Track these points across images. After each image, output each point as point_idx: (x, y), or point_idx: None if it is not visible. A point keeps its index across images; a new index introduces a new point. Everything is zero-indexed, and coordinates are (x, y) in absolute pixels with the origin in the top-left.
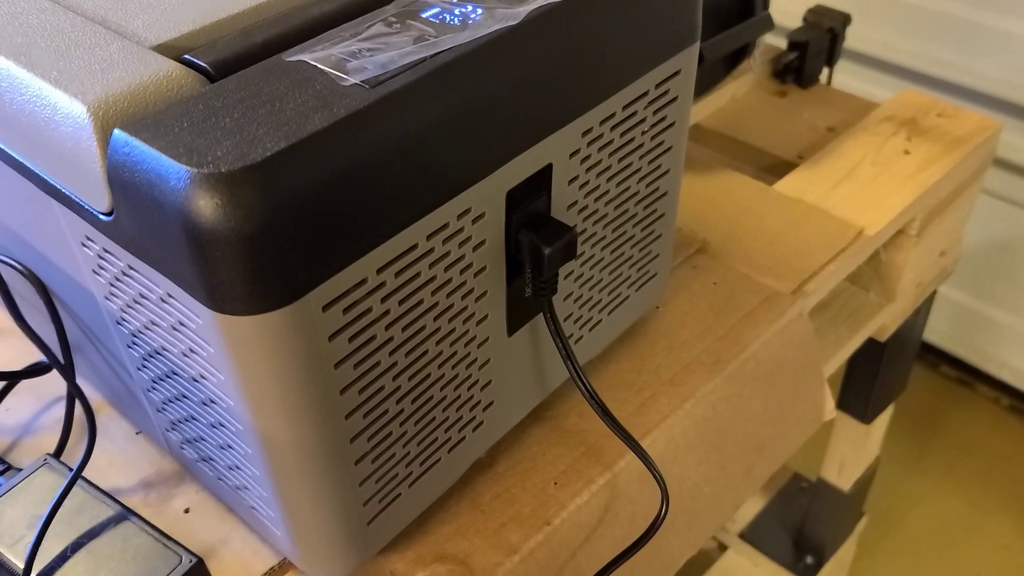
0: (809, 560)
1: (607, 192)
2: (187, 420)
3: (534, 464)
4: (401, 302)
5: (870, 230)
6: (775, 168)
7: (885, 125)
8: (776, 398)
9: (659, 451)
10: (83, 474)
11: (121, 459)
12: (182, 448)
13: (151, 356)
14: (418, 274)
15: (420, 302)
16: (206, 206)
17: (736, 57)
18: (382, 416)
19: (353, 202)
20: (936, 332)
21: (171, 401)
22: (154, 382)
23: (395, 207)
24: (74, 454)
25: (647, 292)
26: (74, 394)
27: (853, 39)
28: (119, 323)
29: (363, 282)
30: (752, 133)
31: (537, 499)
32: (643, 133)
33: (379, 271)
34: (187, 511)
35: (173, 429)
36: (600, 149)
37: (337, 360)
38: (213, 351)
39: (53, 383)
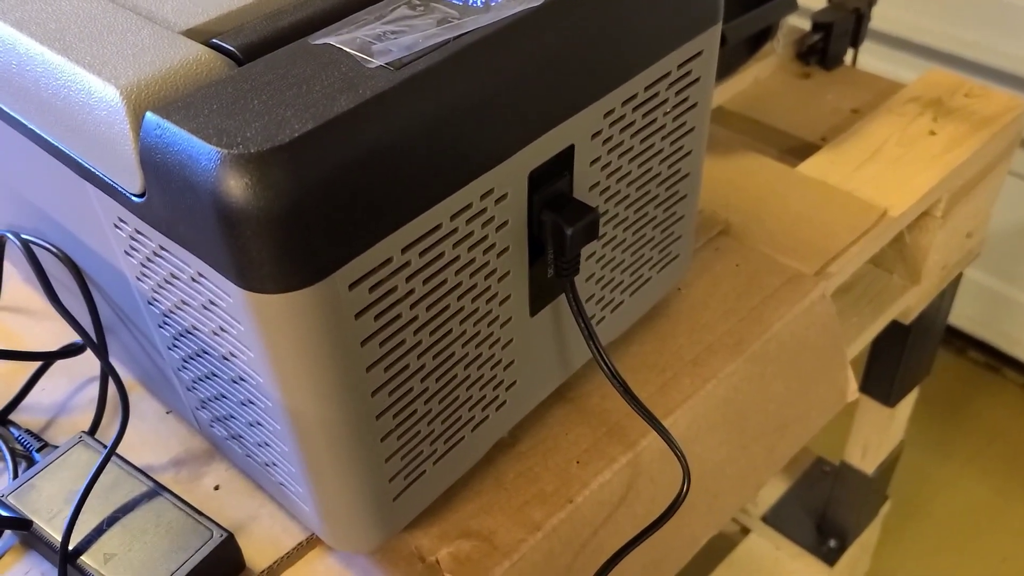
0: (832, 544)
1: (629, 173)
2: (217, 398)
3: (556, 443)
4: (425, 281)
5: (894, 211)
6: (799, 150)
7: (911, 106)
8: (798, 379)
9: (681, 431)
10: (117, 452)
11: (152, 437)
12: (212, 426)
13: (182, 335)
14: (442, 254)
15: (444, 281)
16: (236, 186)
17: (759, 39)
18: (407, 394)
19: (379, 182)
20: (963, 316)
21: (201, 379)
22: (185, 361)
23: (419, 187)
24: (107, 432)
25: (669, 274)
26: (107, 373)
27: (879, 19)
28: (151, 303)
29: (388, 261)
30: (775, 115)
31: (560, 477)
32: (665, 114)
33: (404, 250)
34: (217, 488)
35: (203, 407)
36: (622, 130)
37: (363, 338)
38: (243, 329)
39: (86, 364)
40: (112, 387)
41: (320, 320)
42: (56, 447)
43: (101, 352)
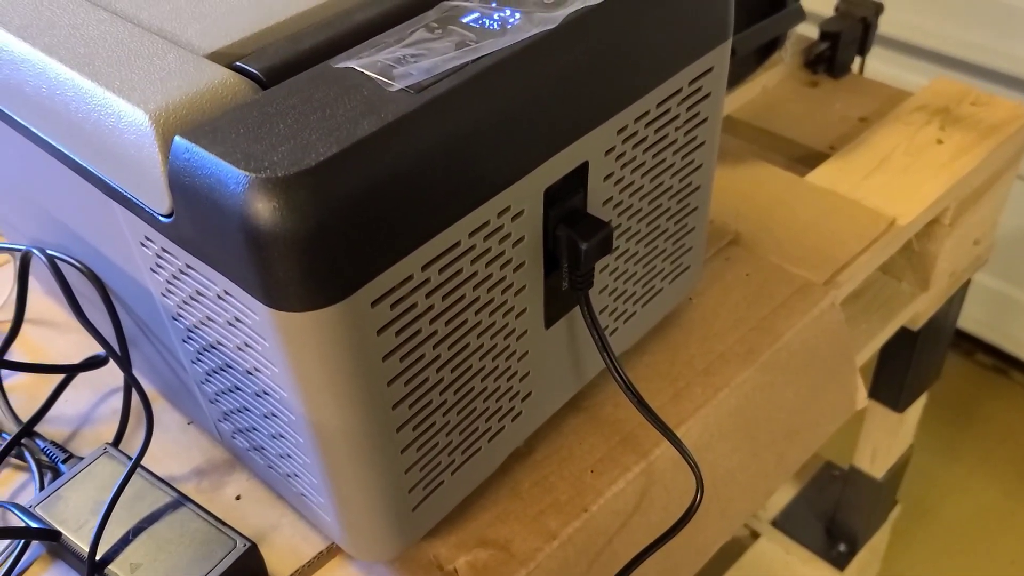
0: (842, 548)
1: (641, 187)
2: (240, 411)
3: (571, 453)
4: (444, 297)
5: (902, 220)
6: (807, 159)
7: (918, 114)
8: (808, 387)
9: (693, 440)
10: (141, 463)
11: (174, 448)
12: (234, 438)
13: (206, 350)
14: (460, 270)
15: (462, 297)
16: (264, 209)
17: (767, 48)
18: (426, 407)
19: (399, 203)
20: (971, 320)
21: (224, 393)
22: (208, 375)
23: (439, 207)
24: (131, 443)
25: (680, 284)
26: (131, 385)
27: (886, 24)
28: (175, 319)
29: (409, 279)
30: (783, 124)
31: (574, 487)
32: (676, 129)
33: (424, 268)
34: (238, 498)
35: (225, 419)
36: (635, 146)
37: (385, 353)
38: (268, 345)
39: (108, 376)
40: (135, 398)
41: (344, 337)
42: (81, 458)
43: (125, 364)
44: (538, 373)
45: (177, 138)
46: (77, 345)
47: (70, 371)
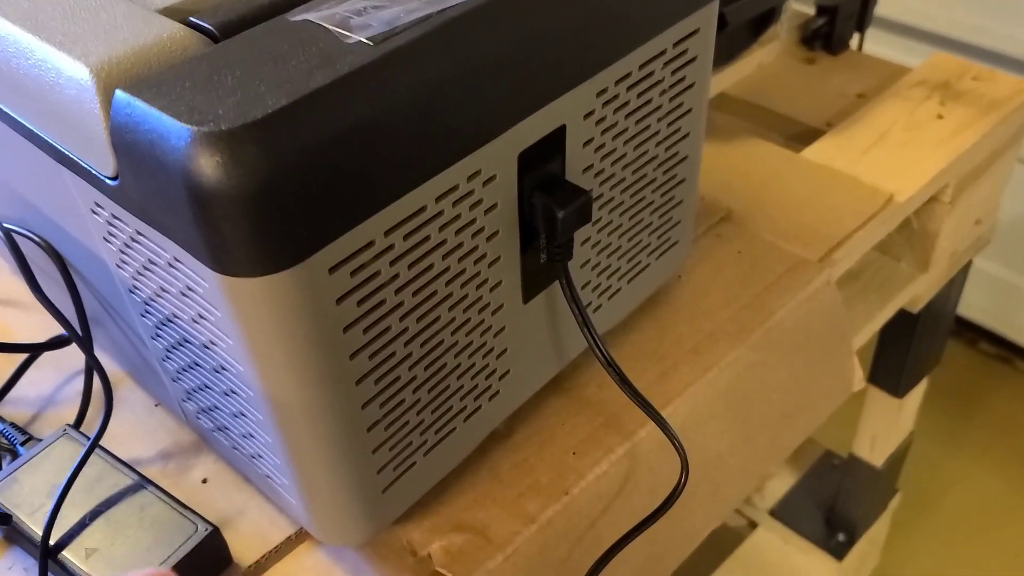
0: (841, 537)
1: (624, 155)
2: (201, 389)
3: (552, 434)
4: (410, 266)
5: (900, 196)
6: (803, 136)
7: (917, 90)
8: (803, 367)
9: (681, 420)
10: (103, 445)
11: (140, 430)
12: (198, 418)
13: (163, 324)
14: (427, 237)
15: (430, 266)
16: (207, 164)
17: (762, 23)
18: (394, 383)
19: (358, 161)
20: (975, 308)
21: (185, 370)
22: (168, 351)
23: (402, 168)
24: (94, 425)
25: (668, 260)
26: (92, 365)
27: (885, 5)
28: (131, 291)
29: (370, 244)
30: (779, 101)
31: (555, 469)
32: (661, 94)
33: (387, 233)
34: (205, 481)
35: (188, 399)
36: (616, 111)
37: (346, 324)
38: (220, 315)
39: (75, 356)
40: (98, 380)
41: (299, 305)
42: (40, 440)
43: (85, 344)
44: (516, 351)
45: (118, 92)
46: (44, 325)
47: (32, 351)
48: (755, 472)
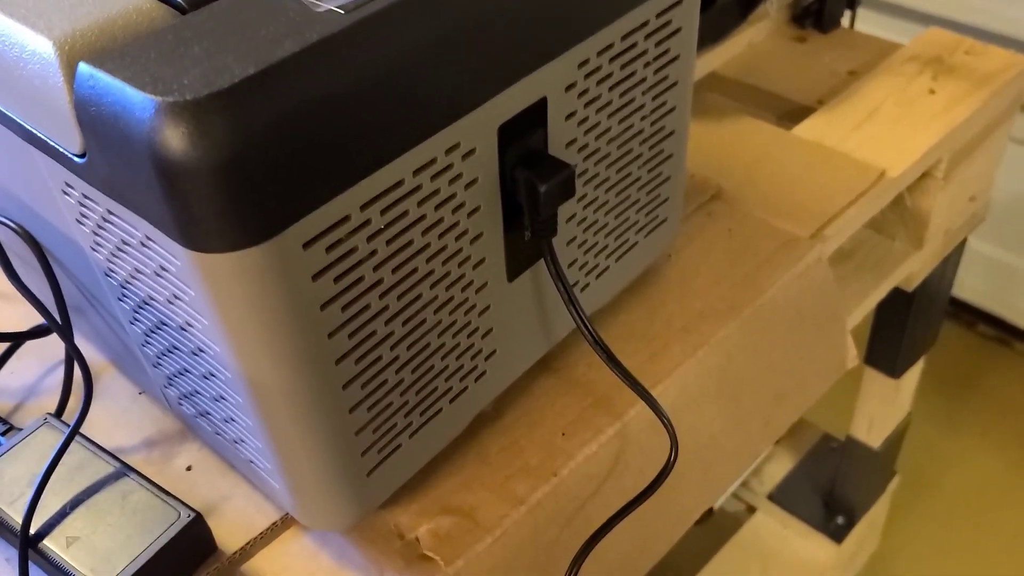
0: (840, 521)
1: (608, 130)
2: (181, 373)
3: (542, 415)
4: (389, 242)
5: (893, 172)
6: (795, 114)
7: (910, 65)
8: (795, 345)
9: (671, 400)
10: (85, 433)
11: (124, 419)
12: (180, 404)
13: (140, 307)
14: (406, 212)
15: (410, 242)
16: (172, 136)
17: (752, 1)
18: (376, 363)
19: (331, 132)
20: (971, 290)
21: (164, 354)
22: (146, 335)
23: (376, 139)
24: (75, 414)
25: (657, 238)
26: (71, 353)
27: None
28: (107, 275)
29: (346, 219)
30: (770, 79)
31: (544, 450)
32: (645, 66)
33: (363, 208)
34: (189, 468)
35: (170, 385)
36: (599, 83)
37: (323, 302)
38: (194, 294)
39: (57, 345)
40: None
41: (273, 282)
42: (21, 430)
43: (64, 332)
44: (502, 330)
45: (81, 65)
46: (26, 314)
47: (14, 340)
48: (747, 452)
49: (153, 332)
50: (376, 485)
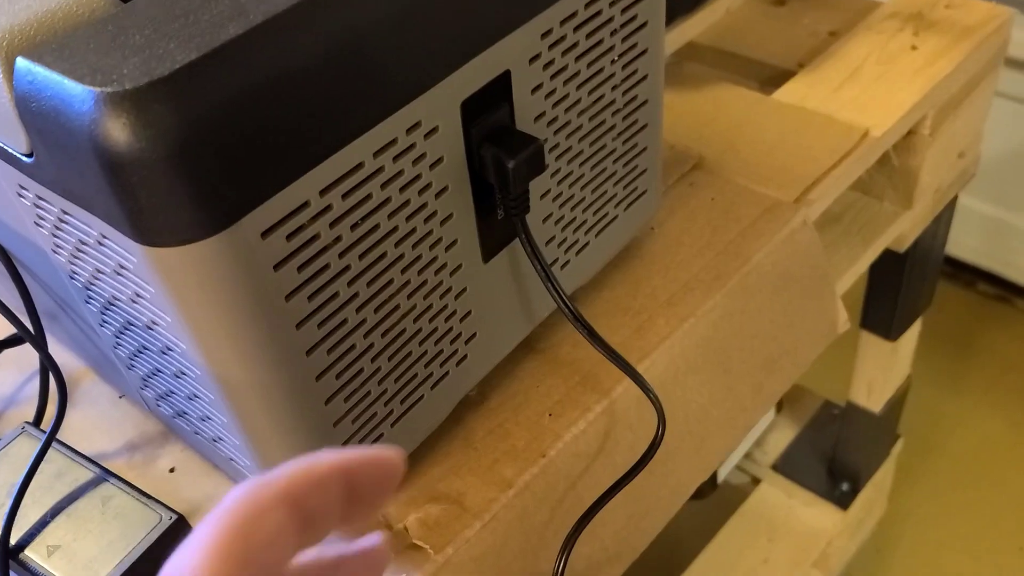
0: (845, 487)
1: (579, 101)
2: (154, 374)
3: (527, 397)
4: (353, 227)
5: (876, 131)
6: (777, 79)
7: (890, 22)
8: (784, 312)
9: (659, 374)
10: (65, 440)
11: (105, 423)
12: (158, 405)
13: (107, 309)
14: (369, 196)
15: (376, 227)
16: (113, 127)
17: None
18: (349, 352)
19: (282, 116)
20: (968, 248)
21: (136, 355)
22: (116, 337)
23: (332, 121)
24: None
25: (637, 211)
26: (44, 361)
27: None
28: (72, 277)
29: (305, 205)
30: (749, 45)
31: (531, 432)
32: (612, 34)
33: (322, 193)
34: (172, 470)
35: (145, 386)
36: (564, 53)
37: (287, 292)
38: (154, 291)
39: (35, 352)
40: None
41: (231, 274)
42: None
43: (36, 340)
44: (481, 312)
45: (19, 60)
46: (3, 323)
47: None
48: (741, 423)
49: (122, 333)
50: None
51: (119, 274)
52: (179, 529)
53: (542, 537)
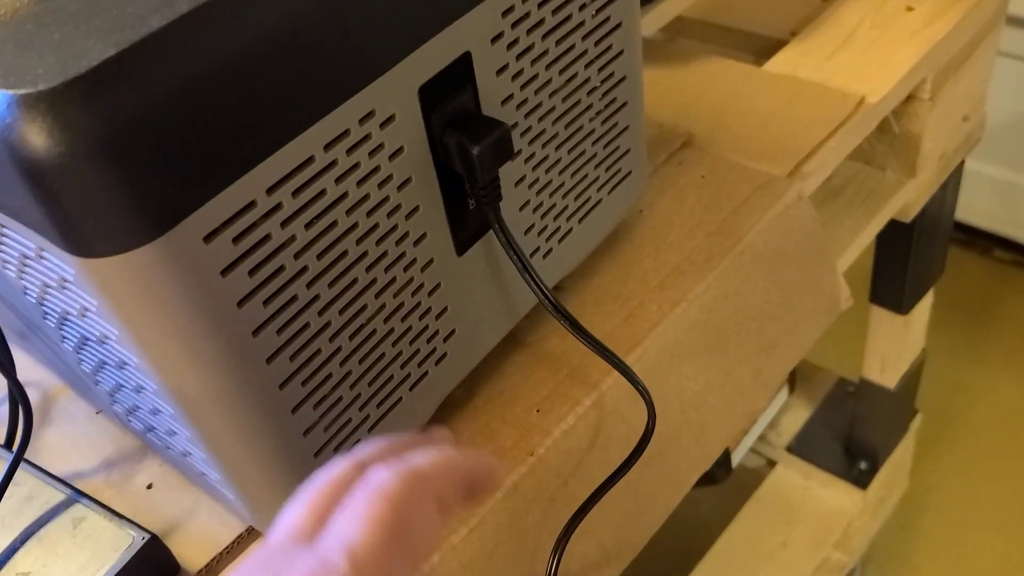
0: (863, 466)
1: (549, 82)
2: (118, 389)
3: (515, 394)
4: (308, 225)
5: (873, 97)
6: (771, 50)
7: None
8: (781, 291)
9: (651, 362)
10: (43, 459)
11: (82, 441)
12: (129, 420)
13: (62, 324)
14: (323, 192)
15: (334, 224)
16: (29, 131)
17: None
18: (315, 357)
19: (218, 111)
20: (984, 215)
21: (98, 371)
22: (77, 353)
23: (274, 115)
24: (36, 442)
25: (623, 193)
26: (10, 386)
27: None
28: (25, 293)
29: (251, 205)
30: (740, 17)
31: (519, 430)
32: (581, 9)
33: (270, 191)
34: (150, 487)
35: (113, 402)
36: (529, 31)
37: (239, 298)
38: (97, 303)
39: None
40: (32, 396)
41: (175, 282)
42: None
43: (3, 365)
44: (459, 308)
45: None
46: None
47: None
48: (741, 409)
49: (81, 349)
50: None
51: (64, 288)
52: (152, 549)
53: (536, 539)
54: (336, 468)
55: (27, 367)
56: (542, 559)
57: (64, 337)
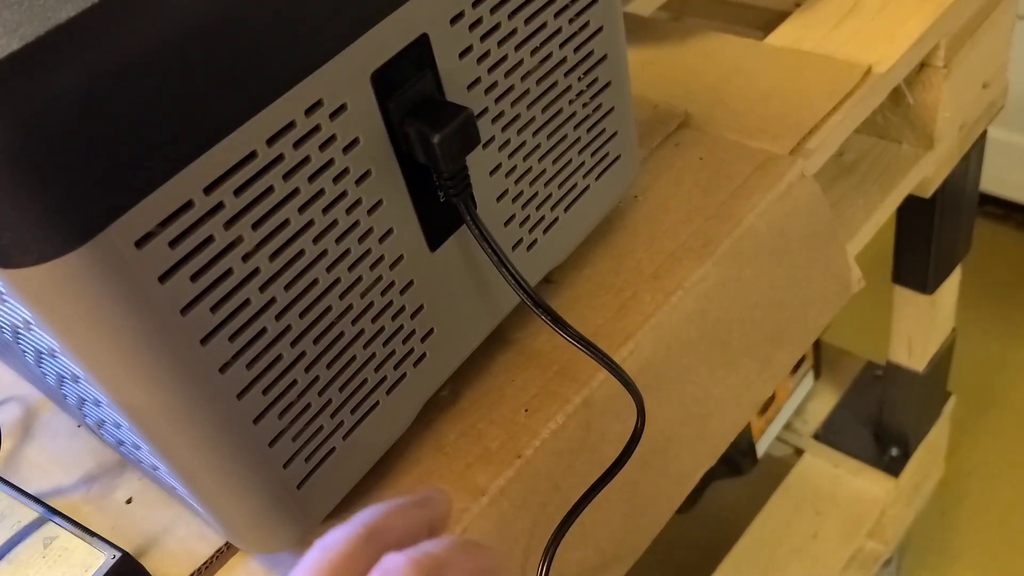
0: (894, 452)
1: (520, 63)
2: (82, 402)
3: (502, 394)
4: (256, 225)
5: (880, 67)
6: (775, 24)
7: None
8: (786, 276)
9: (646, 355)
10: (22, 475)
11: (63, 456)
12: (102, 434)
13: (17, 339)
14: (270, 188)
15: (285, 223)
16: None
17: None
18: (275, 364)
19: (140, 106)
20: (1018, 187)
21: (60, 384)
22: (39, 366)
23: (205, 108)
24: (12, 461)
25: (613, 179)
26: None
27: None
28: None
29: (188, 206)
30: None
31: (506, 431)
32: None
33: (208, 190)
34: (129, 501)
35: (84, 415)
36: (493, 10)
37: (183, 305)
38: (31, 315)
39: None
40: (10, 414)
41: (106, 290)
42: None
43: None
44: (436, 306)
45: None
46: None
47: None
48: (747, 401)
49: (39, 362)
50: (314, 496)
51: (4, 301)
52: (125, 566)
53: (527, 546)
54: (342, 542)
55: (12, 382)
56: (534, 567)
57: (23, 351)
